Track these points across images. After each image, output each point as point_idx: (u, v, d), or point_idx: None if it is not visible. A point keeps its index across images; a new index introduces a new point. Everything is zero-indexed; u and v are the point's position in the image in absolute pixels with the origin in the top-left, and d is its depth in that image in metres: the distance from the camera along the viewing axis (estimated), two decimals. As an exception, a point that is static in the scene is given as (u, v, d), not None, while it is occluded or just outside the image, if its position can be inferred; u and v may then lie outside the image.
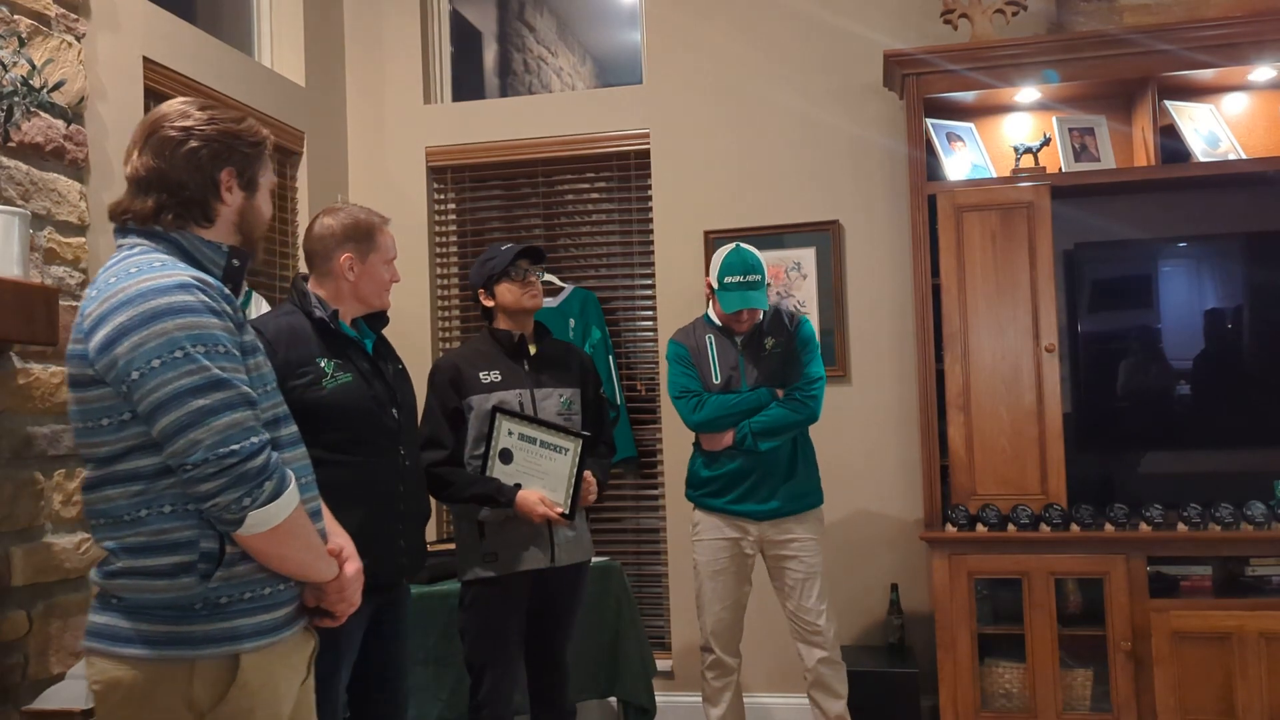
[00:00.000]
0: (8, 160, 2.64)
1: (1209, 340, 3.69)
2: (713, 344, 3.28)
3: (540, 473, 2.83)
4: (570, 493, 2.83)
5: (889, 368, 4.03)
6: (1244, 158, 3.65)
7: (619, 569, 3.73)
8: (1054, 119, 3.81)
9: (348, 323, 2.49)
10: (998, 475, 3.56)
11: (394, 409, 2.49)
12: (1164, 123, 3.64)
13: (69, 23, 2.90)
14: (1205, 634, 3.30)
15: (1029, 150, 3.71)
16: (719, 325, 3.29)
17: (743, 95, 4.19)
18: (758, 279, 3.18)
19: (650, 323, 4.31)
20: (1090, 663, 3.45)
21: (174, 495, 1.59)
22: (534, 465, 2.83)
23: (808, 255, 4.08)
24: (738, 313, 3.20)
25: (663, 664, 4.05)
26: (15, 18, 2.69)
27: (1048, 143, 3.73)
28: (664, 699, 3.95)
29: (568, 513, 2.82)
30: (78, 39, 2.93)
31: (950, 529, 3.49)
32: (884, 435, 4.01)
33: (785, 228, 4.10)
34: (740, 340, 3.26)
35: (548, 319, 3.93)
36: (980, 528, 3.47)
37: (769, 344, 3.26)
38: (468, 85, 4.96)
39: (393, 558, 2.45)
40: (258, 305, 3.59)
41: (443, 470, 2.81)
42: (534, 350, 2.98)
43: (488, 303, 2.96)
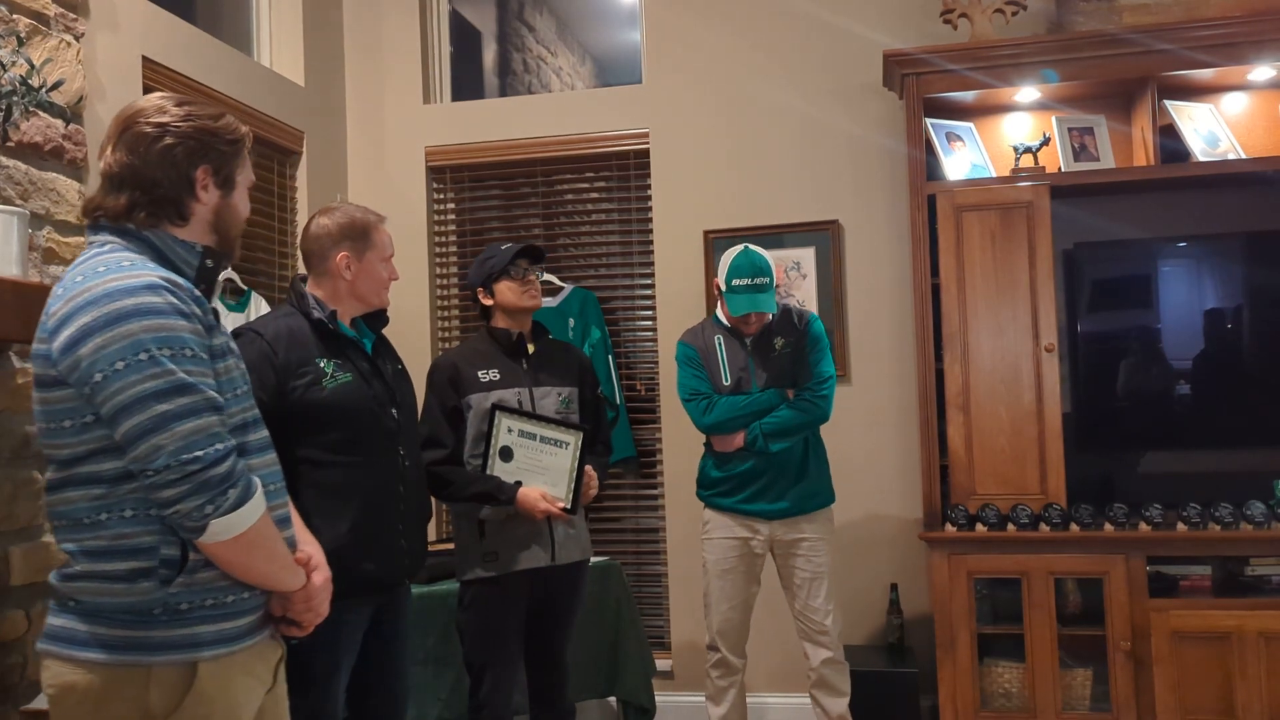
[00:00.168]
0: (7, 160, 2.64)
1: (1209, 340, 3.68)
2: (722, 345, 3.26)
3: (541, 469, 2.83)
4: (571, 487, 2.83)
5: (889, 367, 4.02)
6: (1243, 157, 3.64)
7: (619, 569, 3.73)
8: (1053, 119, 3.81)
9: (347, 323, 2.49)
10: (997, 475, 3.56)
11: (393, 409, 2.48)
12: (1163, 122, 3.64)
13: (68, 22, 2.90)
14: (1205, 634, 3.30)
15: (1028, 150, 3.71)
16: (727, 326, 3.28)
17: (743, 95, 4.18)
18: (766, 282, 3.15)
19: (650, 323, 4.31)
20: (1090, 662, 3.44)
21: (135, 500, 1.56)
22: (534, 461, 2.83)
23: (807, 255, 4.08)
24: (745, 316, 3.19)
25: (663, 664, 4.05)
26: (14, 17, 2.69)
27: (1047, 142, 3.73)
28: (664, 699, 3.95)
29: (569, 507, 2.82)
30: (77, 38, 2.93)
31: (950, 529, 3.49)
32: (884, 435, 4.01)
33: (785, 227, 4.10)
34: (749, 341, 3.25)
35: (547, 319, 3.93)
36: (980, 527, 3.47)
37: (778, 344, 3.24)
38: (467, 85, 4.96)
39: (394, 558, 2.45)
40: (257, 305, 3.60)
41: (443, 469, 2.81)
42: (532, 349, 2.98)
43: (486, 301, 2.96)
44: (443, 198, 4.53)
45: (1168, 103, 3.67)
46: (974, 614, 3.47)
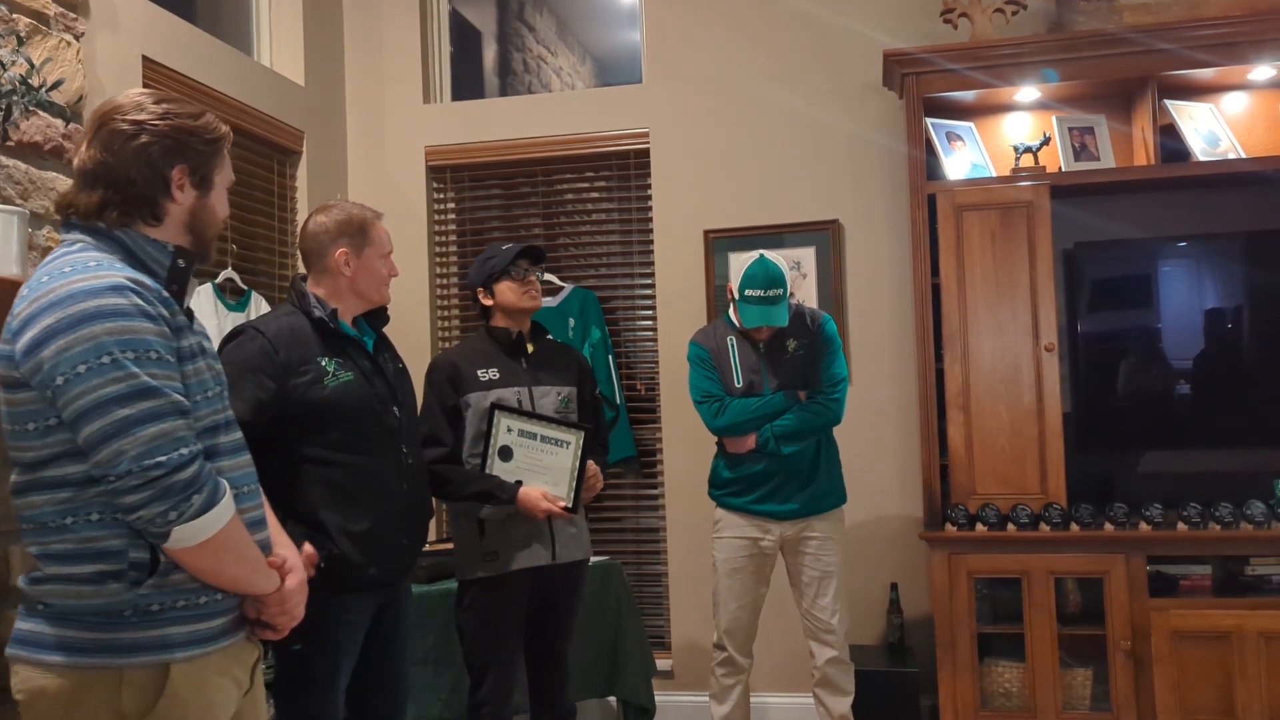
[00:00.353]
0: (6, 159, 2.64)
1: (1209, 340, 3.68)
2: (734, 346, 3.25)
3: (542, 468, 2.83)
4: (573, 486, 2.83)
5: (889, 367, 4.02)
6: (1244, 157, 3.64)
7: (619, 568, 3.73)
8: (1054, 118, 3.81)
9: (348, 321, 2.49)
10: (997, 474, 3.56)
11: (395, 407, 2.48)
12: (1164, 122, 3.64)
13: (68, 22, 2.90)
14: (1205, 633, 3.30)
15: (1029, 149, 3.71)
16: (740, 327, 3.27)
17: (743, 95, 4.18)
18: (779, 293, 3.14)
19: (650, 322, 4.31)
20: (1090, 662, 3.44)
21: (102, 504, 1.54)
22: (535, 461, 2.83)
23: (807, 255, 4.08)
24: (759, 327, 3.19)
25: (663, 664, 4.05)
26: (14, 16, 2.69)
27: (1047, 142, 3.72)
28: (664, 699, 3.95)
29: (570, 506, 2.82)
30: (76, 38, 2.93)
31: (950, 528, 3.49)
32: (884, 435, 4.01)
33: (785, 227, 4.10)
34: (762, 343, 3.24)
35: (547, 319, 3.93)
36: (980, 527, 3.47)
37: (791, 346, 3.24)
38: (467, 85, 4.96)
39: (396, 556, 2.45)
40: (257, 305, 3.60)
41: (442, 468, 2.80)
42: (531, 349, 2.98)
43: (486, 301, 2.96)
44: (443, 198, 4.53)
45: (1168, 102, 3.67)
46: (974, 614, 3.46)
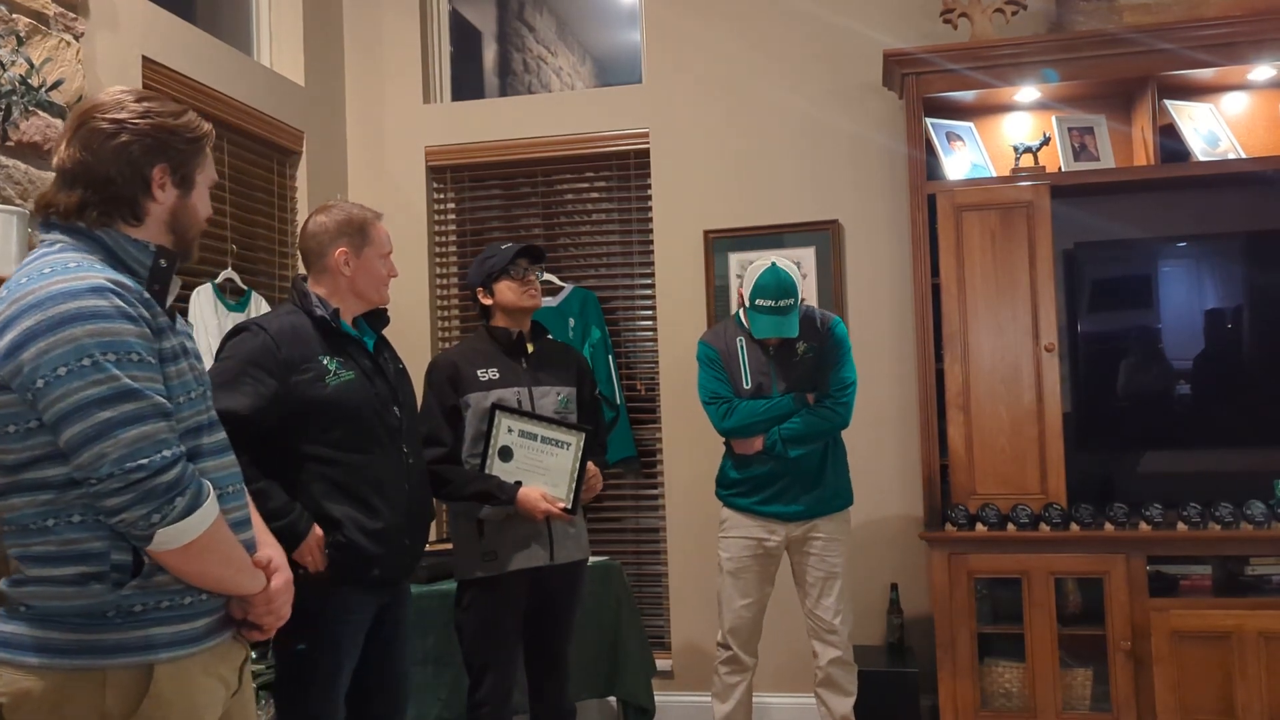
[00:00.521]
0: (6, 159, 2.64)
1: (1209, 340, 3.68)
2: (743, 347, 3.25)
3: (541, 469, 2.83)
4: (572, 488, 2.83)
5: (889, 367, 4.02)
6: (1244, 157, 3.64)
7: (619, 569, 3.73)
8: (1053, 118, 3.81)
9: (349, 321, 2.49)
10: (997, 475, 3.56)
11: (395, 407, 2.49)
12: (1163, 122, 3.64)
13: (68, 22, 2.90)
14: (1205, 633, 3.30)
15: (1028, 150, 3.71)
16: (749, 329, 3.27)
17: (742, 95, 4.18)
18: (791, 303, 3.12)
19: (650, 322, 4.31)
20: (1090, 662, 3.44)
21: (84, 506, 1.52)
22: (535, 462, 2.83)
23: (807, 255, 4.08)
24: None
25: (663, 664, 4.05)
26: (14, 17, 2.69)
27: (1047, 142, 3.72)
28: (664, 699, 3.95)
29: (570, 507, 2.82)
30: (76, 38, 2.93)
31: (950, 528, 3.49)
32: (884, 435, 4.00)
33: (785, 227, 4.10)
34: (771, 345, 3.24)
35: (547, 319, 3.93)
36: (980, 527, 3.47)
37: (800, 349, 3.23)
38: (467, 85, 4.96)
39: (399, 556, 2.46)
40: (257, 305, 3.60)
41: (442, 468, 2.80)
42: (531, 349, 2.98)
43: (486, 301, 2.96)
44: (443, 198, 4.53)
45: (1168, 102, 3.67)
46: (974, 614, 3.46)
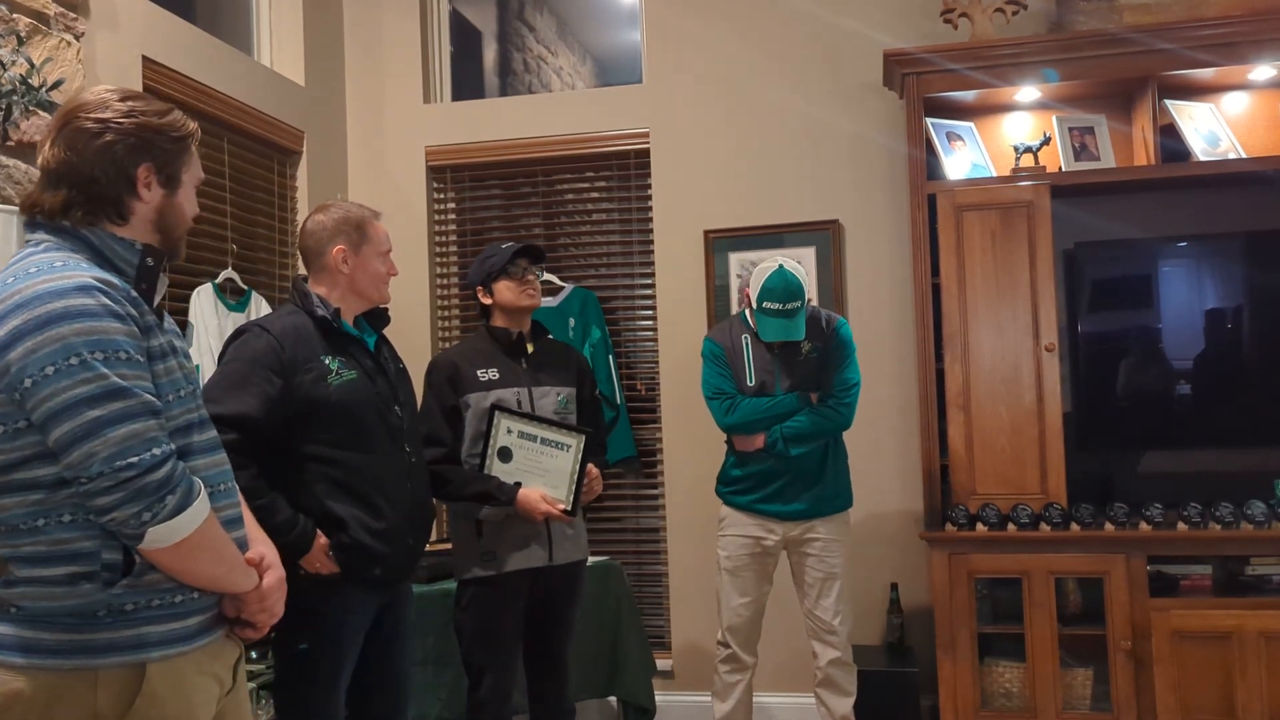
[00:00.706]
0: (7, 159, 2.64)
1: (1209, 340, 3.68)
2: (748, 345, 3.26)
3: (541, 470, 2.83)
4: (572, 489, 2.83)
5: (889, 367, 4.02)
6: (1244, 157, 3.64)
7: (619, 569, 3.73)
8: (1054, 118, 3.81)
9: (349, 321, 2.49)
10: (998, 474, 3.56)
11: (396, 407, 2.49)
12: (1164, 122, 3.64)
13: (68, 21, 2.90)
14: (1205, 633, 3.30)
15: (1029, 149, 3.71)
16: (758, 335, 3.27)
17: (743, 95, 4.18)
18: (798, 305, 3.14)
19: (650, 322, 4.31)
20: (1090, 662, 3.44)
21: (74, 505, 1.52)
22: (534, 463, 2.83)
23: (808, 255, 4.07)
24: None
25: (663, 664, 4.05)
26: (14, 16, 2.69)
27: (1047, 142, 3.72)
28: (664, 699, 3.95)
29: (570, 509, 2.82)
30: (77, 38, 2.93)
31: (950, 528, 3.49)
32: (884, 435, 4.00)
33: (785, 227, 4.10)
34: (777, 345, 3.24)
35: (547, 318, 3.93)
36: (980, 527, 3.47)
37: (805, 348, 3.24)
38: (467, 85, 4.96)
39: (402, 555, 2.46)
40: (257, 305, 3.60)
41: (441, 468, 2.80)
42: (531, 349, 2.98)
43: (485, 300, 2.96)
44: (443, 198, 4.53)
45: (1168, 102, 3.66)
46: (974, 614, 3.46)
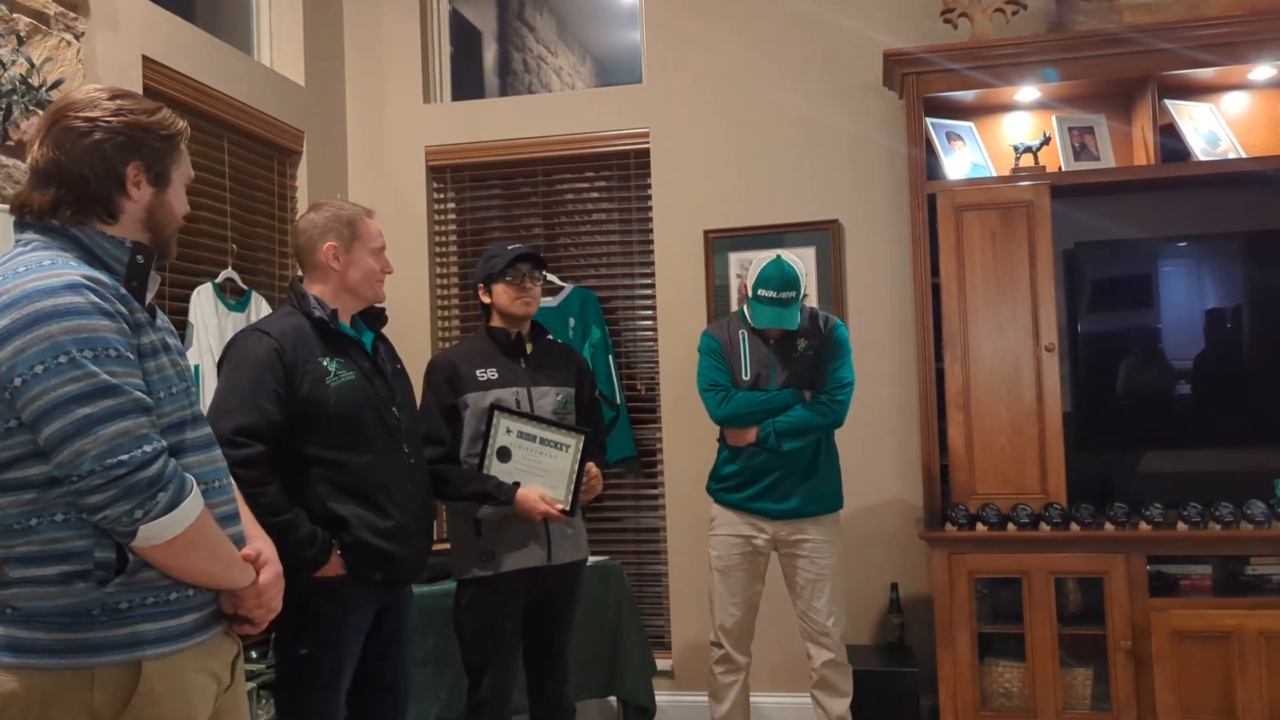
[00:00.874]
0: (6, 159, 2.64)
1: (1209, 340, 3.68)
2: (745, 340, 3.28)
3: (540, 470, 2.83)
4: (571, 489, 2.83)
5: (888, 367, 4.02)
6: (1244, 157, 3.64)
7: (619, 569, 3.73)
8: (1054, 118, 3.81)
9: (346, 321, 2.49)
10: (997, 474, 3.56)
11: (394, 408, 2.49)
12: (1164, 122, 3.64)
13: (68, 21, 2.90)
14: (1205, 633, 3.30)
15: (1029, 149, 3.71)
16: (752, 323, 3.29)
17: (742, 95, 4.18)
18: (793, 295, 3.16)
19: (650, 322, 4.31)
20: (1090, 662, 3.44)
21: (66, 504, 1.52)
22: (533, 463, 2.83)
23: (807, 255, 4.07)
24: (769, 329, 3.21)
25: (663, 664, 4.05)
26: (14, 16, 2.69)
27: (1047, 142, 3.72)
28: (664, 699, 3.95)
29: (569, 509, 2.82)
30: (77, 38, 2.93)
31: (950, 528, 3.49)
32: (884, 435, 4.01)
33: (785, 227, 4.10)
34: (773, 340, 3.27)
35: (547, 319, 3.93)
36: (980, 527, 3.47)
37: (801, 345, 3.26)
38: (467, 85, 4.96)
39: (412, 555, 2.47)
40: (257, 306, 3.60)
41: (441, 468, 2.80)
42: (530, 349, 2.98)
43: (485, 300, 2.96)
44: (443, 198, 4.53)
45: (1168, 102, 3.66)
46: (974, 613, 3.46)
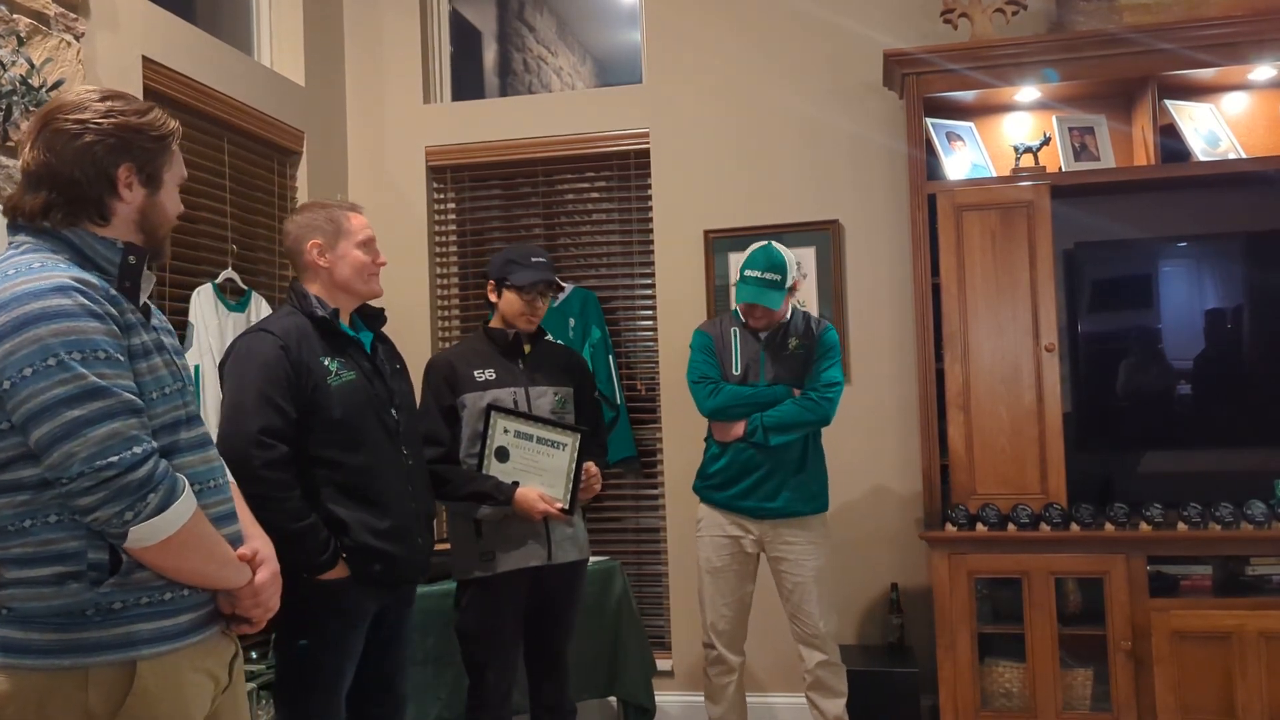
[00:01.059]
0: (6, 159, 2.64)
1: (1209, 340, 3.68)
2: (736, 336, 3.31)
3: (538, 469, 2.83)
4: (569, 488, 2.84)
5: (889, 367, 4.02)
6: (1244, 157, 3.64)
7: (619, 569, 3.73)
8: (1054, 118, 3.81)
9: (345, 321, 2.49)
10: (998, 475, 3.56)
11: (393, 409, 2.49)
12: (1164, 122, 3.64)
13: (68, 22, 2.90)
14: (1205, 633, 3.30)
15: (1029, 149, 3.71)
16: (744, 321, 3.32)
17: (743, 95, 4.18)
18: (777, 279, 3.18)
19: (650, 322, 4.31)
20: (1090, 662, 3.44)
21: (59, 505, 1.52)
22: (531, 462, 2.83)
23: (808, 255, 4.08)
24: (751, 308, 3.22)
25: (663, 664, 4.05)
26: (14, 17, 2.69)
27: (1047, 142, 3.72)
28: (664, 698, 3.95)
29: (567, 508, 2.82)
30: (77, 38, 2.93)
31: (950, 528, 3.49)
32: (884, 435, 4.01)
33: (785, 227, 4.10)
34: (764, 336, 3.29)
35: (547, 319, 3.93)
36: (980, 527, 3.47)
37: (792, 344, 3.28)
38: (467, 85, 4.96)
39: (413, 555, 2.47)
40: (257, 306, 3.60)
41: (440, 468, 2.81)
42: (528, 349, 2.98)
43: (493, 297, 2.96)
44: (443, 198, 4.53)
45: (1168, 102, 3.66)
46: (974, 614, 3.46)
